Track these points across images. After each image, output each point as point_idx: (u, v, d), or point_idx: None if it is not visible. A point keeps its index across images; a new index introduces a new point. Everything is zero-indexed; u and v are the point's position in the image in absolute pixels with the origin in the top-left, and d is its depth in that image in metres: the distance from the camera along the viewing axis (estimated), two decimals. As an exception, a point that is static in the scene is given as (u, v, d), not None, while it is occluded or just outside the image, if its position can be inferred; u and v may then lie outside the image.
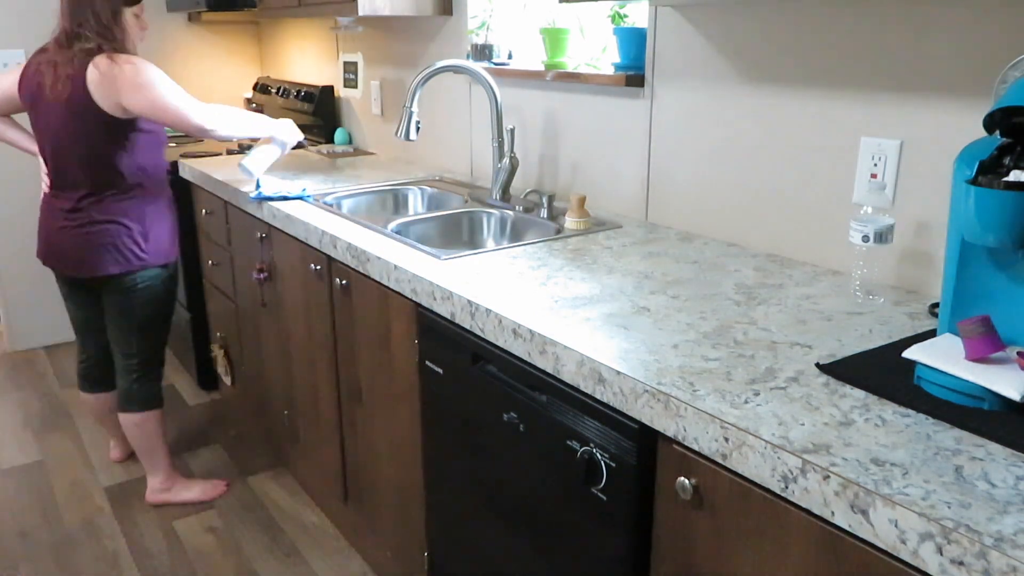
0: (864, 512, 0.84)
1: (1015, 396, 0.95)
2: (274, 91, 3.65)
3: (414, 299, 1.63)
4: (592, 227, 1.92)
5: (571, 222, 1.92)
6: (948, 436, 0.94)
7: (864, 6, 1.47)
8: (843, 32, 1.51)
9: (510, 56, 2.55)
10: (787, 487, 0.92)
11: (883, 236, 1.37)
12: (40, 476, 2.72)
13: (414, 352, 1.71)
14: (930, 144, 1.41)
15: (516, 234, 2.13)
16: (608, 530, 1.23)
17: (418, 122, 2.14)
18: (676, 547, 1.12)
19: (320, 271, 2.07)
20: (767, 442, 0.94)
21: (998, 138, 1.04)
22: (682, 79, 1.85)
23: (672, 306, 1.39)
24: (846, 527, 0.86)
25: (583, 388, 1.21)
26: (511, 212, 2.14)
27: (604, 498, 1.22)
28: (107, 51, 2.15)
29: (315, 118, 3.37)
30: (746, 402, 1.03)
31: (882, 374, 1.09)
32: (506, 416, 1.43)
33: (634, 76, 1.95)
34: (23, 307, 3.74)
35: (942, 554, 0.77)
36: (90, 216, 2.25)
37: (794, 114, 1.63)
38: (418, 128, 2.14)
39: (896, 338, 1.24)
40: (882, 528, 0.82)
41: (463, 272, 1.59)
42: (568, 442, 1.28)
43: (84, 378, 2.59)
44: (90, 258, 2.27)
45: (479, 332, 1.43)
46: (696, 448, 1.03)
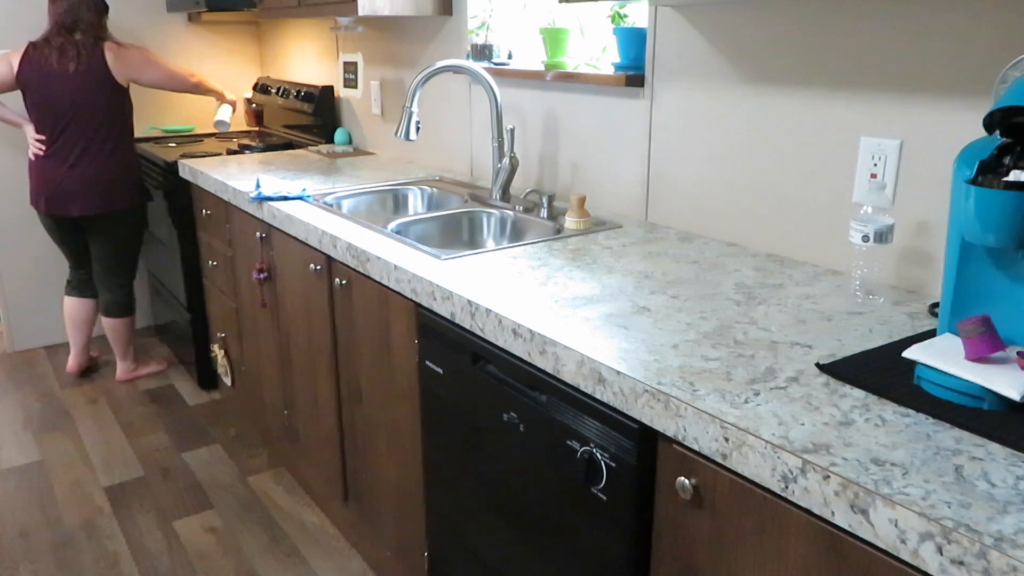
0: (864, 512, 0.84)
1: (1015, 396, 0.95)
2: (274, 91, 3.65)
3: (414, 299, 1.63)
4: (592, 227, 1.92)
5: (571, 222, 1.92)
6: (948, 436, 0.94)
7: (864, 6, 1.47)
8: (843, 32, 1.51)
9: (510, 56, 2.55)
10: (787, 487, 0.92)
11: (883, 236, 1.37)
12: (40, 476, 2.72)
13: (414, 352, 1.71)
14: (930, 144, 1.41)
15: (516, 234, 2.13)
16: (608, 530, 1.23)
17: (418, 122, 2.14)
18: (676, 547, 1.12)
19: (320, 271, 2.07)
20: (767, 442, 0.94)
21: (998, 138, 1.04)
22: (682, 79, 1.85)
23: (672, 306, 1.39)
24: (846, 527, 0.86)
25: (583, 388, 1.21)
26: (511, 212, 2.14)
27: (604, 498, 1.23)
28: (104, 40, 2.92)
29: (315, 118, 3.37)
30: (746, 402, 1.03)
31: (882, 374, 1.09)
32: (506, 416, 1.43)
33: (634, 76, 1.95)
34: (23, 307, 3.74)
35: (942, 554, 0.77)
36: (94, 170, 2.98)
37: (794, 114, 1.63)
38: (418, 128, 2.14)
39: (896, 338, 1.24)
40: (882, 528, 0.82)
41: (463, 272, 1.59)
42: (568, 442, 1.28)
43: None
44: (89, 198, 2.99)
45: (479, 332, 1.43)
46: (696, 448, 1.03)
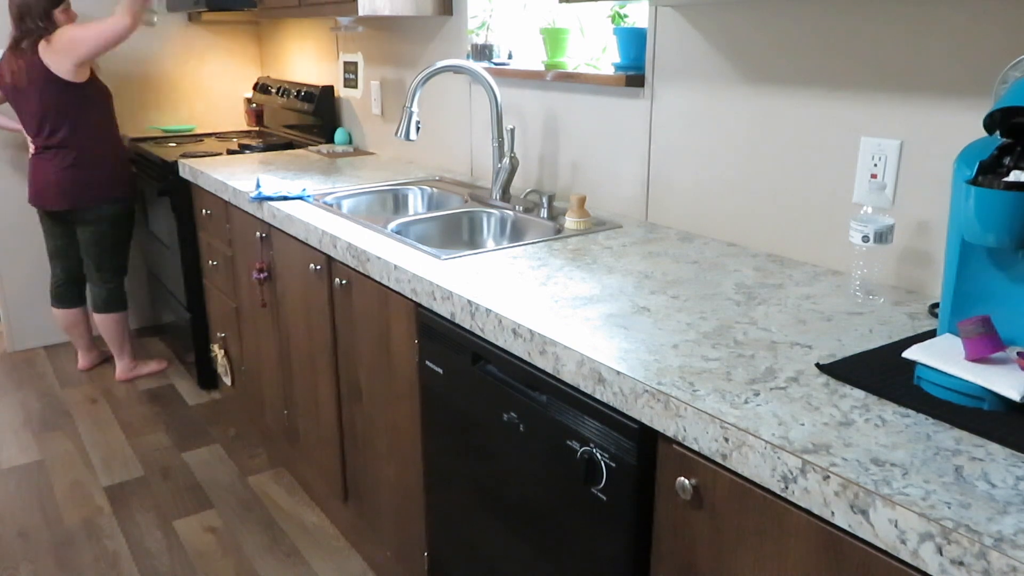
0: (864, 512, 0.84)
1: (1015, 396, 0.95)
2: (274, 91, 3.65)
3: (414, 299, 1.63)
4: (592, 227, 1.92)
5: (571, 222, 1.92)
6: (948, 436, 0.94)
7: (864, 6, 1.47)
8: (843, 32, 1.51)
9: (510, 56, 2.55)
10: (787, 487, 0.92)
11: (883, 236, 1.37)
12: (40, 476, 2.72)
13: (414, 352, 1.71)
14: (930, 144, 1.41)
15: (516, 234, 2.13)
16: (608, 530, 1.23)
17: (418, 122, 2.14)
18: (676, 547, 1.12)
19: (320, 271, 2.07)
20: (767, 442, 0.94)
21: (998, 138, 1.04)
22: (682, 79, 1.85)
23: (672, 306, 1.39)
24: (846, 527, 0.86)
25: (583, 388, 1.21)
26: (511, 212, 2.14)
27: (604, 498, 1.22)
28: (45, 38, 2.92)
29: (315, 118, 3.37)
30: (746, 402, 1.03)
31: (882, 374, 1.09)
32: (506, 416, 1.43)
33: (634, 76, 1.95)
34: (23, 307, 3.74)
35: (942, 554, 0.77)
36: (68, 164, 3.02)
37: (794, 114, 1.63)
38: (418, 128, 2.14)
39: (896, 338, 1.24)
40: (882, 528, 0.82)
41: (463, 272, 1.59)
42: (568, 442, 1.28)
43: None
44: (63, 192, 3.05)
45: (479, 332, 1.43)
46: (696, 448, 1.03)
